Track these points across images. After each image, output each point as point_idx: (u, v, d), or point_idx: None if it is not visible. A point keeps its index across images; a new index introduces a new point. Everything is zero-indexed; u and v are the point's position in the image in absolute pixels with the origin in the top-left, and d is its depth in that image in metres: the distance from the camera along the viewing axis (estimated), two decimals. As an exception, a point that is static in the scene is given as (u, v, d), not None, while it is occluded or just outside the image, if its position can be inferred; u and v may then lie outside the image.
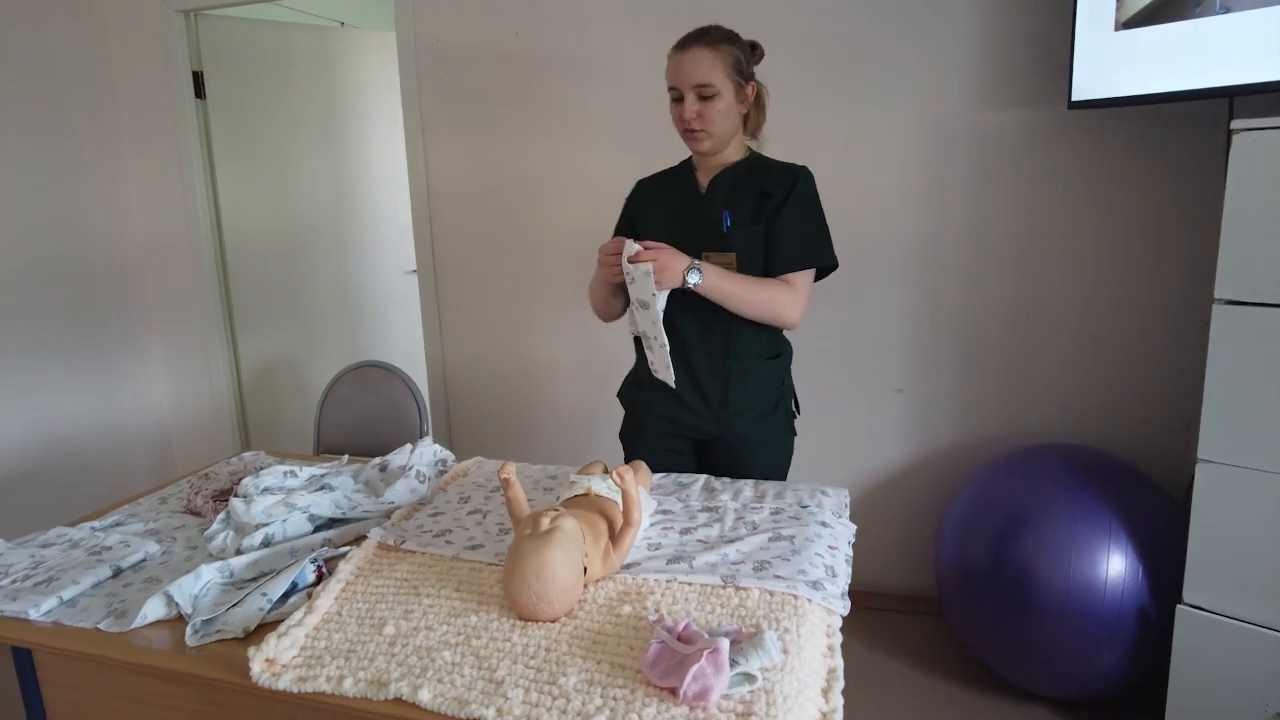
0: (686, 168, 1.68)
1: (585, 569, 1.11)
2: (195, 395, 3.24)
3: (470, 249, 2.79)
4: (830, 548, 1.29)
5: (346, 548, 1.33)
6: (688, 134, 1.57)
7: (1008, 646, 2.00)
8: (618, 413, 1.79)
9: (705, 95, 1.50)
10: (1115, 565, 1.82)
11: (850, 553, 1.33)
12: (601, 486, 1.28)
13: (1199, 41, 1.70)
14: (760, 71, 1.62)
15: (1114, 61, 1.83)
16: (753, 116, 1.62)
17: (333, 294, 3.44)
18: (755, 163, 1.63)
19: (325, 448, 2.36)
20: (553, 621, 1.08)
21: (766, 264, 1.57)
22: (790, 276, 1.57)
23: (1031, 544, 1.91)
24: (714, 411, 1.64)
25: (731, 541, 1.28)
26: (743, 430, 1.63)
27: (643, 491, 1.36)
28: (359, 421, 2.31)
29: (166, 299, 3.19)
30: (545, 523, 1.09)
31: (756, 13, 2.30)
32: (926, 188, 2.28)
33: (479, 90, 2.65)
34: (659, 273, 1.44)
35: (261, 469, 1.69)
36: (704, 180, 1.64)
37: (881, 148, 2.30)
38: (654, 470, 1.61)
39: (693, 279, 1.47)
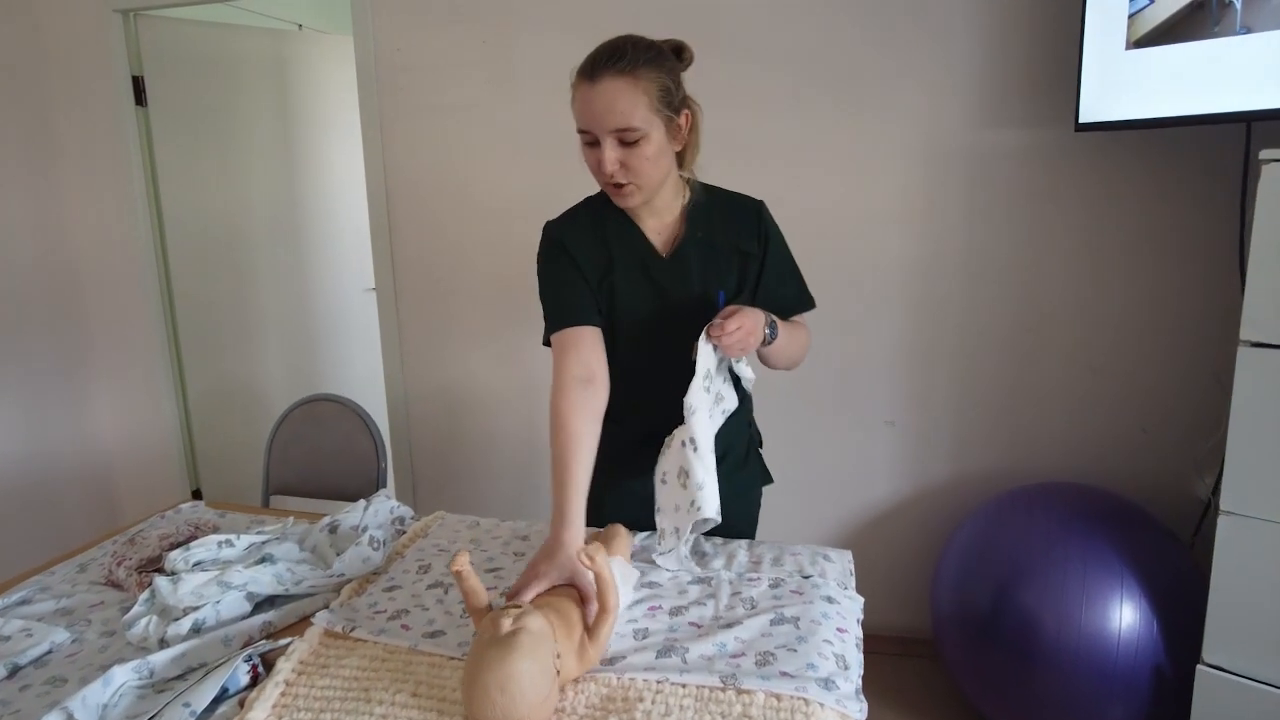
0: (619, 214, 1.32)
1: (558, 670, 0.95)
2: (138, 425, 3.01)
3: (434, 267, 2.62)
4: (839, 630, 1.15)
5: (287, 639, 1.15)
6: (610, 188, 1.25)
7: (1010, 699, 1.88)
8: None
9: (628, 141, 1.18)
10: (1128, 617, 1.71)
11: (860, 633, 1.19)
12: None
13: (1217, 63, 1.59)
14: (748, 87, 1.46)
15: (1124, 82, 1.72)
16: (688, 147, 1.29)
17: (286, 314, 3.24)
18: (709, 205, 1.34)
19: (275, 489, 2.17)
20: None
21: (784, 309, 1.40)
22: (801, 317, 1.45)
23: (1038, 591, 1.80)
24: None
25: (729, 626, 1.13)
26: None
27: (622, 563, 1.21)
28: (311, 460, 2.12)
29: (105, 322, 2.96)
30: (507, 624, 0.93)
31: (743, 25, 2.17)
32: (920, 208, 2.16)
33: (443, 101, 2.47)
34: (748, 342, 1.22)
35: (196, 530, 1.51)
36: (655, 235, 1.33)
37: (874, 166, 2.17)
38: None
39: (769, 335, 1.27)
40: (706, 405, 1.26)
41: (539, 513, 2.29)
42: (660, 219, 1.34)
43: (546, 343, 1.33)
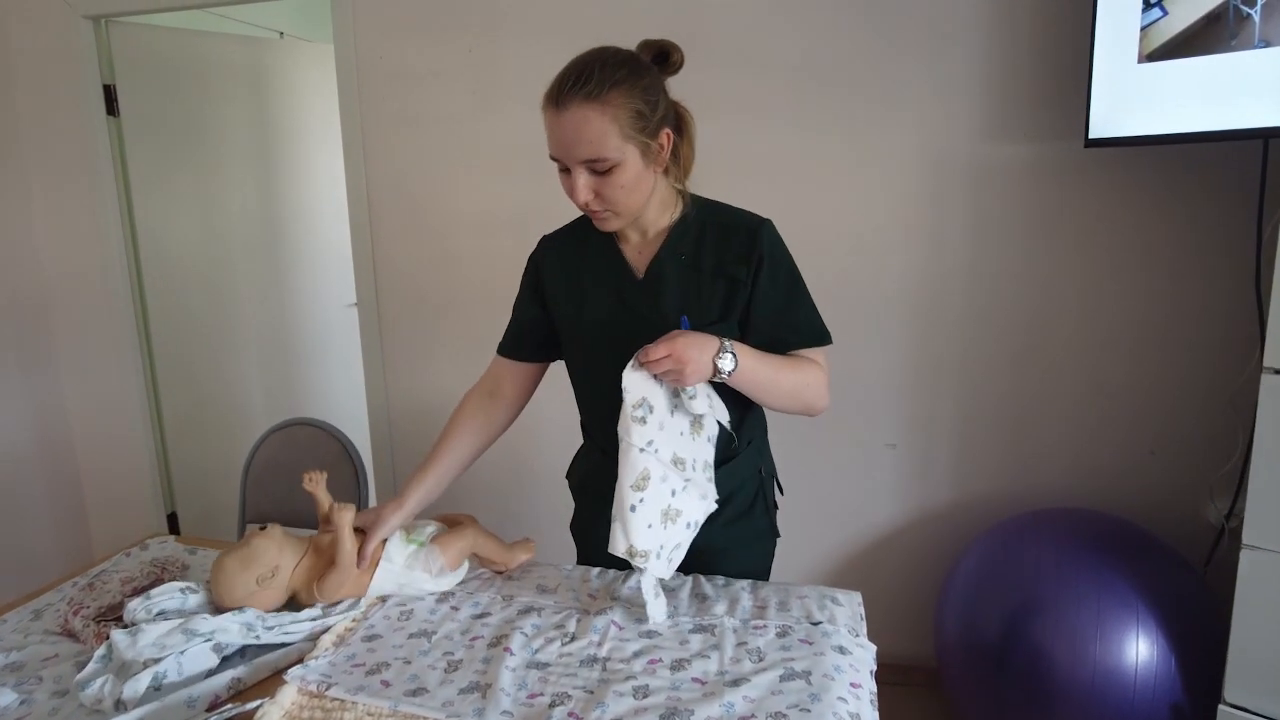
0: (603, 233, 1.27)
1: (272, 576, 1.22)
2: (111, 448, 2.90)
3: (417, 282, 2.53)
4: (853, 686, 1.07)
5: (257, 700, 1.06)
6: (588, 212, 1.18)
7: (1020, 735, 1.81)
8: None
9: (599, 170, 1.11)
10: (1145, 651, 1.64)
11: (875, 687, 1.11)
12: (396, 533, 1.31)
13: (1233, 77, 1.53)
14: (737, 98, 1.37)
15: (1136, 97, 1.66)
16: (677, 159, 1.21)
17: (265, 330, 3.13)
18: (701, 223, 1.24)
19: (252, 517, 2.07)
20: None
21: (785, 342, 1.25)
22: (810, 353, 1.27)
23: (1049, 622, 1.73)
24: None
25: (736, 684, 1.05)
26: (714, 538, 1.30)
27: (430, 552, 1.31)
28: (290, 489, 2.02)
29: (76, 340, 2.85)
30: (247, 534, 1.25)
31: (739, 34, 2.10)
32: (923, 225, 2.09)
33: (427, 111, 2.39)
34: (681, 372, 1.09)
35: (162, 571, 1.41)
36: (633, 255, 1.26)
37: (875, 181, 2.10)
38: None
39: (725, 365, 1.11)
40: (644, 436, 1.15)
41: (523, 535, 2.20)
42: (644, 236, 1.26)
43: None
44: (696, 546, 1.32)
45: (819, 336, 1.27)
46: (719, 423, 1.23)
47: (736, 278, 1.21)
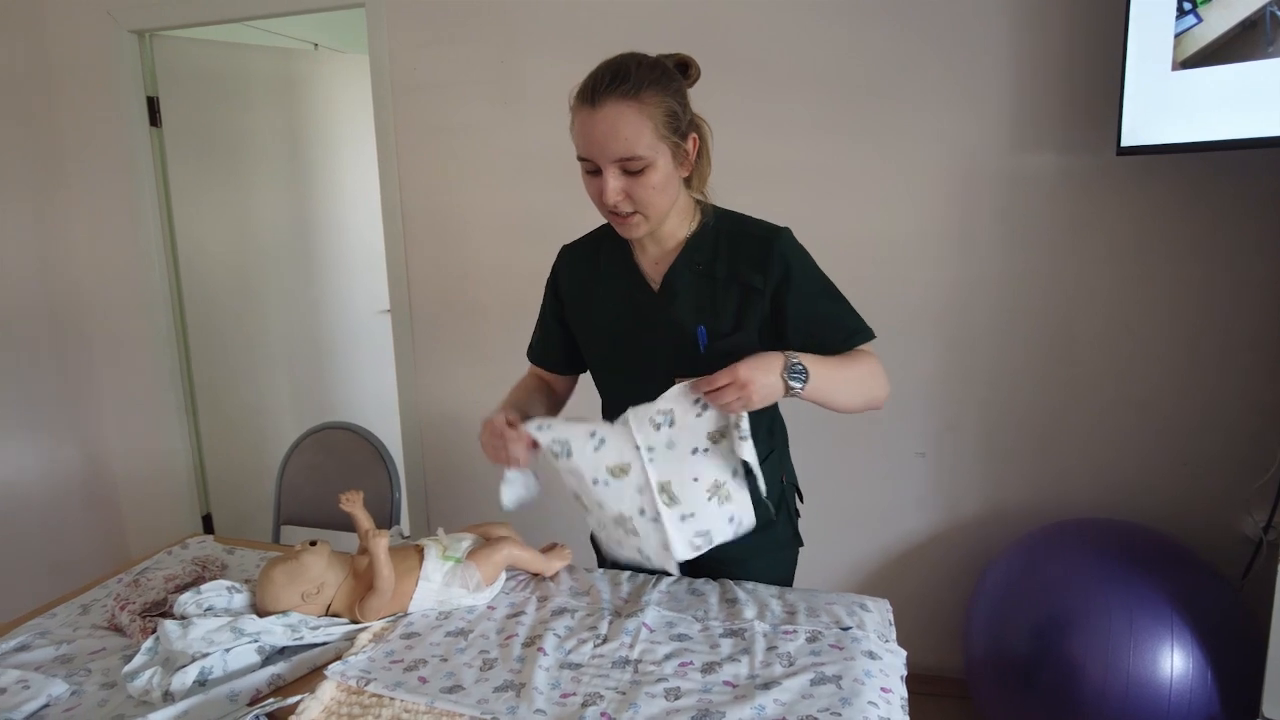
0: (621, 243, 1.28)
1: (317, 592, 1.26)
2: (148, 452, 2.96)
3: (449, 289, 2.56)
4: (883, 690, 1.08)
5: (297, 696, 1.09)
6: (613, 217, 1.18)
7: (1050, 748, 1.79)
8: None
9: (632, 170, 1.11)
10: (1179, 664, 1.62)
11: (905, 693, 1.12)
12: (432, 550, 1.33)
13: (1270, 84, 1.52)
14: (766, 108, 1.38)
15: (1170, 104, 1.65)
16: (697, 170, 1.20)
17: (299, 336, 3.19)
18: (717, 233, 1.23)
19: (287, 519, 2.12)
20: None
21: (827, 347, 1.22)
22: (867, 348, 1.26)
23: (1081, 634, 1.71)
24: None
25: (767, 687, 1.06)
26: (736, 545, 1.27)
27: (466, 568, 1.33)
28: (323, 493, 2.06)
29: (116, 346, 2.92)
30: (296, 549, 1.28)
31: (763, 44, 2.11)
32: (951, 236, 2.09)
33: (458, 121, 2.43)
34: (748, 397, 1.06)
35: (203, 569, 1.45)
36: (649, 266, 1.26)
37: (901, 192, 2.10)
38: None
39: (797, 384, 1.08)
40: (647, 439, 1.18)
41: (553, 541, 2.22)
42: (662, 246, 1.25)
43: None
44: (719, 554, 1.33)
45: (862, 333, 1.25)
46: (757, 490, 1.22)
47: (751, 285, 1.20)
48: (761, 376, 1.07)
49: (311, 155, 3.14)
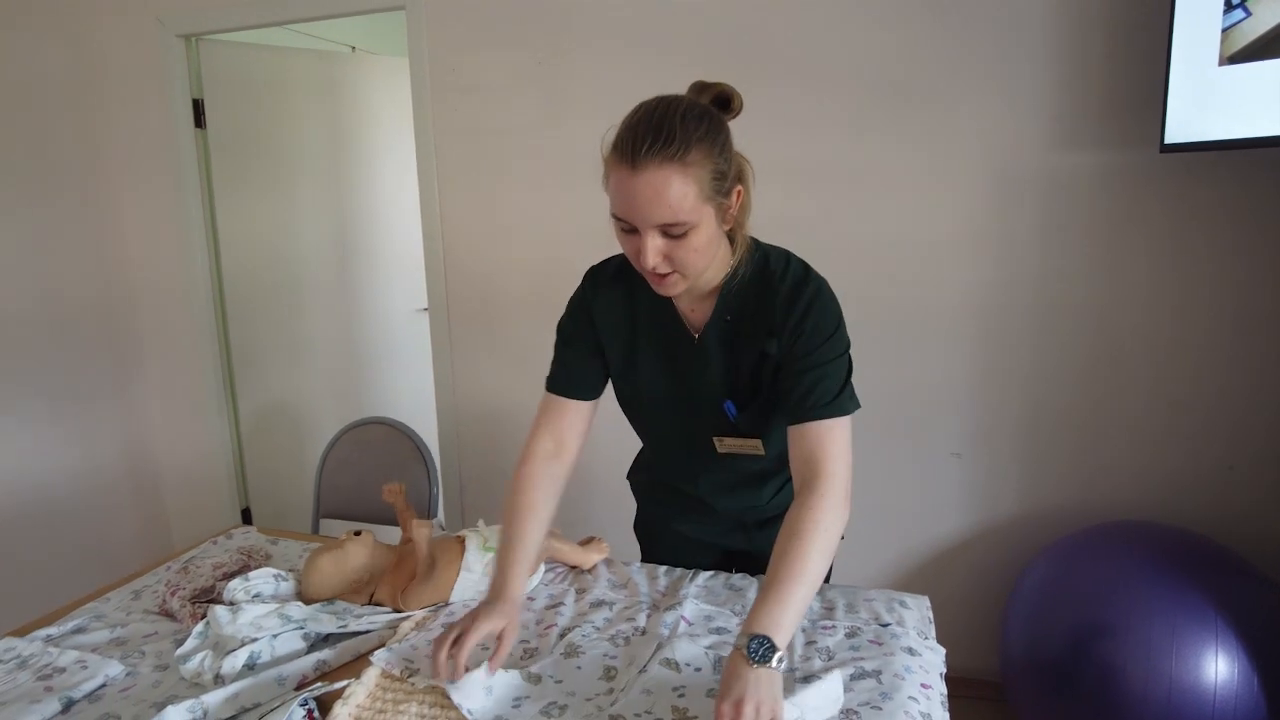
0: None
1: (365, 581, 1.32)
2: (190, 445, 3.03)
3: (487, 288, 2.59)
4: (923, 686, 1.08)
5: (343, 681, 1.11)
6: (652, 276, 1.09)
7: (1089, 753, 1.77)
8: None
9: (675, 234, 1.02)
10: (1224, 670, 1.59)
11: (945, 689, 1.11)
12: (473, 541, 1.36)
13: (1321, 79, 1.49)
14: (804, 108, 1.31)
15: (1216, 100, 1.63)
16: (737, 216, 1.11)
17: (337, 334, 3.24)
18: (747, 280, 1.16)
19: (326, 512, 2.15)
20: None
21: (786, 414, 1.13)
22: (820, 431, 1.09)
23: (1121, 638, 1.69)
24: (742, 525, 1.38)
25: (807, 680, 1.06)
26: (769, 543, 1.15)
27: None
28: (361, 486, 2.10)
29: (159, 342, 2.99)
30: (342, 538, 1.33)
31: (800, 43, 2.11)
32: (990, 234, 2.07)
33: (498, 122, 2.46)
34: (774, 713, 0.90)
35: (249, 558, 1.48)
36: (687, 311, 1.20)
37: (939, 190, 2.09)
38: None
39: (779, 663, 0.93)
40: None
41: (586, 535, 2.24)
42: (699, 291, 1.19)
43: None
44: (756, 550, 1.33)
45: (827, 409, 1.10)
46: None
47: (766, 351, 1.16)
48: (762, 693, 0.89)
49: (348, 156, 3.19)
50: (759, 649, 0.92)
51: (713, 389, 1.21)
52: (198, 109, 2.81)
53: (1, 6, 2.54)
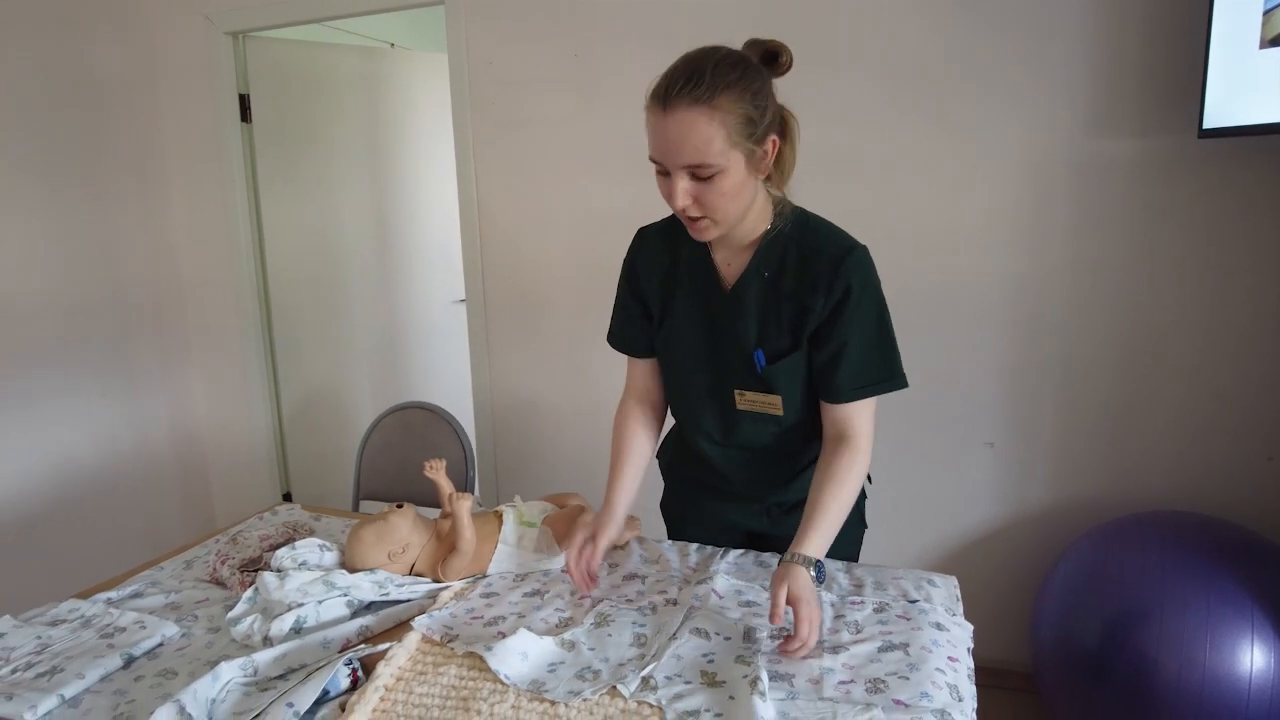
0: None
1: (403, 551, 1.35)
2: (234, 430, 3.12)
3: (524, 279, 2.64)
4: (950, 659, 1.09)
5: (386, 644, 1.15)
6: (685, 220, 1.14)
7: (1122, 744, 1.76)
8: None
9: (702, 176, 1.07)
10: (1260, 661, 1.58)
11: (972, 664, 1.13)
12: (510, 515, 1.43)
13: (1365, 61, 1.47)
14: (836, 96, 1.33)
15: (1257, 84, 1.61)
16: (778, 166, 1.15)
17: (376, 323, 3.32)
18: (790, 240, 1.20)
19: (365, 494, 2.22)
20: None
21: (820, 387, 1.23)
22: (854, 407, 1.21)
23: (1155, 628, 1.68)
24: (765, 508, 1.40)
25: (835, 651, 1.09)
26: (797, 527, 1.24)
27: (522, 554, 1.40)
28: (400, 468, 2.15)
29: (206, 329, 3.09)
30: (384, 509, 1.38)
31: (834, 32, 2.12)
32: (1025, 223, 2.06)
33: (535, 115, 2.50)
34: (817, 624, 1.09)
35: (294, 532, 1.54)
36: (724, 265, 1.25)
37: (974, 178, 2.08)
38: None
39: (821, 575, 1.13)
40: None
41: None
42: (736, 245, 1.23)
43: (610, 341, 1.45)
44: (784, 532, 1.34)
45: (874, 386, 1.20)
46: None
47: (810, 307, 1.18)
48: (815, 610, 1.09)
49: (388, 150, 3.26)
50: (807, 565, 1.11)
51: (743, 340, 1.24)
52: (244, 104, 2.90)
53: (62, 6, 2.64)
